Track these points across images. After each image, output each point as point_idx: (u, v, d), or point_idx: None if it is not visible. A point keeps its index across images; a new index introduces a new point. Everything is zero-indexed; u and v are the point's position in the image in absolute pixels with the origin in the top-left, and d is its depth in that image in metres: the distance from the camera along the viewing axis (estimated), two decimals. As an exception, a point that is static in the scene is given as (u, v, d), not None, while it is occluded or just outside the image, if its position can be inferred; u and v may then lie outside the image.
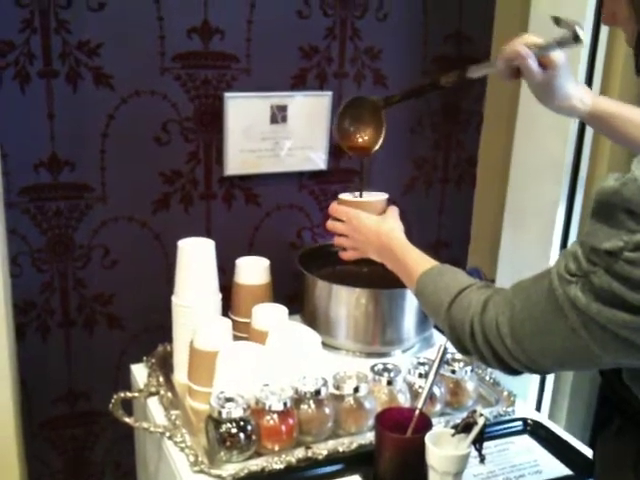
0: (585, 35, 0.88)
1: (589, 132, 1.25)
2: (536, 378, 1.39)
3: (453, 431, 0.89)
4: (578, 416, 1.42)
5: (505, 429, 1.07)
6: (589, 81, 1.24)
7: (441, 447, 0.87)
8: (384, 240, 1.04)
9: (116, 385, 1.25)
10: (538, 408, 1.41)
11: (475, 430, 0.86)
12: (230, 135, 1.29)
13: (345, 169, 1.44)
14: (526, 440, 1.05)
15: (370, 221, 1.07)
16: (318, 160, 1.39)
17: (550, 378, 1.40)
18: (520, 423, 1.08)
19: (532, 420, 1.09)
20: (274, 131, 1.32)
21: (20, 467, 1.13)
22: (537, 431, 1.07)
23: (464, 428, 0.87)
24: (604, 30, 1.22)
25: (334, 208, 1.13)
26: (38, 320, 1.27)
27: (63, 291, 1.27)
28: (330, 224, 1.13)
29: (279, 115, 1.31)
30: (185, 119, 1.27)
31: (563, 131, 1.25)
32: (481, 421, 0.85)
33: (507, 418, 1.09)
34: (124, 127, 1.23)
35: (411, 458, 0.89)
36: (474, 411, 0.88)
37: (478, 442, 0.88)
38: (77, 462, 1.37)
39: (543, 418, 1.12)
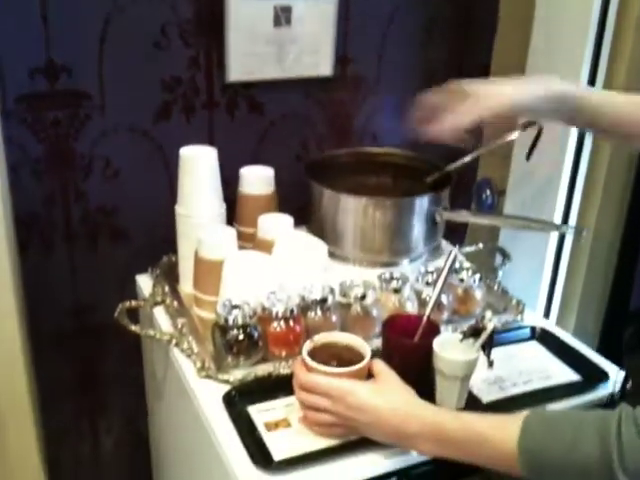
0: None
1: (609, 29, 1.19)
2: (545, 285, 1.38)
3: (461, 336, 0.88)
4: (587, 324, 1.42)
5: (513, 336, 1.06)
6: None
7: (449, 352, 0.87)
8: (411, 423, 0.76)
9: (122, 297, 1.24)
10: (547, 315, 1.41)
11: (484, 335, 0.84)
12: (232, 38, 1.23)
13: (353, 76, 1.39)
14: (534, 347, 1.05)
15: (375, 398, 0.78)
16: (324, 66, 1.33)
17: (559, 285, 1.39)
18: (528, 330, 1.08)
19: (540, 327, 1.08)
20: (278, 34, 1.26)
21: (28, 380, 1.13)
22: (545, 338, 1.06)
23: (472, 333, 0.86)
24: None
25: (308, 381, 0.81)
26: (40, 232, 1.25)
27: (65, 203, 1.25)
28: (306, 398, 0.82)
29: (283, 17, 1.25)
30: (185, 22, 1.21)
31: (583, 29, 1.19)
32: (490, 326, 0.84)
33: (515, 325, 1.09)
34: (122, 31, 1.17)
35: (419, 363, 0.88)
36: (483, 316, 0.86)
37: (487, 347, 0.87)
38: (86, 375, 1.39)
39: (551, 325, 1.11)
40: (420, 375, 0.88)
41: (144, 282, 1.19)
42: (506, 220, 1.18)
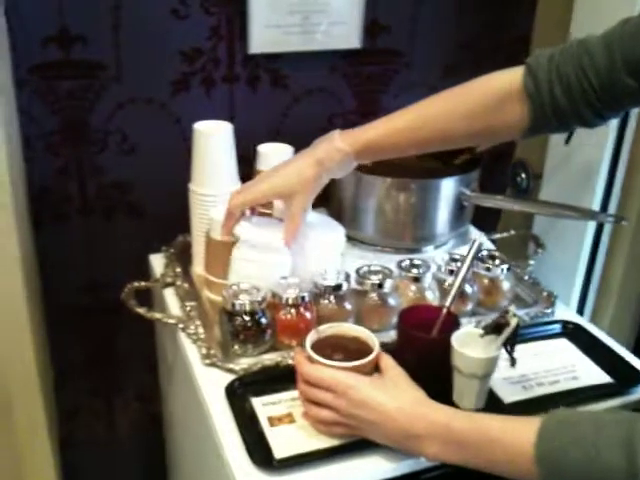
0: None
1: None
2: (580, 279, 1.30)
3: (482, 331, 0.82)
4: (623, 321, 1.33)
5: (541, 331, 0.99)
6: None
7: (469, 348, 0.80)
8: (417, 423, 0.70)
9: (137, 275, 1.21)
10: (580, 311, 1.33)
11: (507, 331, 0.78)
12: (254, 7, 1.17)
13: (383, 49, 1.31)
14: (564, 344, 0.98)
15: (381, 394, 0.72)
16: (352, 38, 1.26)
17: (595, 278, 1.30)
18: (559, 325, 1.00)
19: (572, 323, 1.01)
20: (303, 3, 1.20)
21: (38, 359, 1.11)
22: (577, 335, 0.99)
23: (494, 329, 0.79)
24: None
25: (310, 373, 0.76)
26: (55, 208, 1.22)
27: (80, 177, 1.22)
28: (306, 391, 0.77)
29: (308, -16, 1.18)
30: (205, -12, 1.15)
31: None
32: (513, 321, 0.77)
33: (544, 320, 1.01)
34: (138, -3, 1.13)
35: (435, 359, 0.82)
36: (506, 311, 0.79)
37: (509, 344, 0.80)
38: (101, 354, 1.36)
39: (584, 321, 1.03)
40: (436, 372, 0.82)
41: (157, 261, 1.15)
42: (539, 206, 1.10)
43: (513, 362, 0.82)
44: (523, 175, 1.38)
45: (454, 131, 0.85)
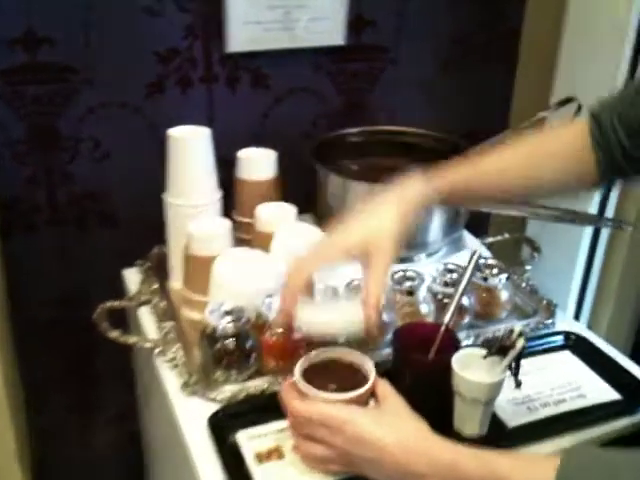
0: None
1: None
2: (577, 283, 1.25)
3: (485, 352, 0.76)
4: (621, 325, 1.28)
5: (543, 344, 0.93)
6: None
7: (470, 371, 0.74)
8: (420, 461, 0.63)
9: (112, 288, 1.14)
10: (577, 317, 1.28)
11: (512, 353, 0.72)
12: (232, 3, 1.10)
13: (368, 45, 1.25)
14: (567, 357, 0.92)
15: (379, 428, 0.65)
16: (336, 34, 1.20)
17: (592, 284, 1.25)
18: (561, 337, 0.95)
19: (574, 334, 0.95)
20: (283, -2, 1.13)
21: (4, 375, 1.03)
22: (580, 346, 0.93)
23: (498, 350, 0.74)
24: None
25: (299, 411, 0.69)
26: (24, 218, 1.14)
27: (50, 186, 1.14)
28: (297, 426, 0.71)
29: (288, -22, 1.11)
30: (179, -17, 1.08)
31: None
32: (520, 343, 0.72)
33: (546, 332, 0.96)
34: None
35: (434, 383, 0.76)
36: (511, 330, 0.74)
37: (514, 365, 0.74)
38: (74, 370, 1.29)
39: (587, 331, 0.98)
40: (435, 396, 0.76)
41: (132, 277, 1.08)
42: (538, 211, 1.03)
43: (518, 384, 0.76)
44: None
45: (537, 181, 0.80)
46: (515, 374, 0.75)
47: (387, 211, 0.75)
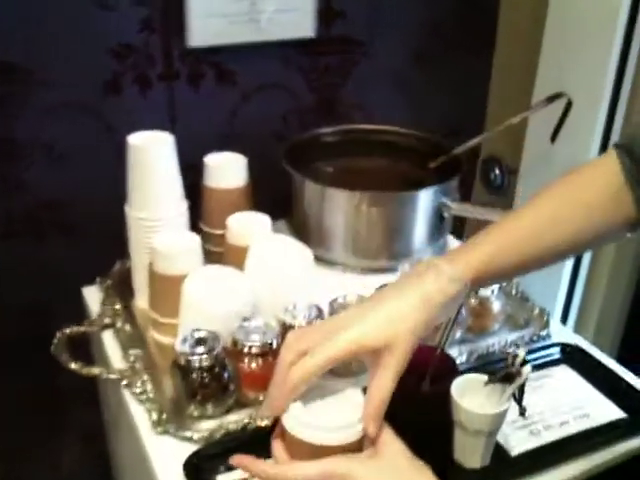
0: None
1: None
2: (564, 285, 1.20)
3: (485, 379, 0.69)
4: (607, 331, 1.24)
5: (539, 358, 0.88)
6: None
7: (469, 398, 0.68)
8: None
9: (74, 304, 1.04)
10: (564, 319, 1.23)
11: (518, 382, 0.66)
12: (191, -6, 1.01)
13: (339, 37, 1.17)
14: (566, 372, 0.86)
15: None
16: (305, 26, 1.12)
17: (579, 288, 1.21)
18: (557, 349, 0.89)
19: (570, 346, 0.90)
20: (248, -12, 1.04)
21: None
22: (577, 359, 0.88)
23: (502, 378, 0.67)
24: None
25: (286, 477, 0.59)
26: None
27: (2, 197, 1.04)
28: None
29: (253, -34, 1.02)
30: (132, -26, 0.99)
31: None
32: (526, 371, 0.65)
33: (541, 345, 0.90)
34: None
35: (431, 416, 0.70)
36: (515, 356, 0.67)
37: (519, 393, 0.68)
38: (38, 390, 1.19)
39: (583, 341, 0.92)
40: (433, 429, 0.70)
41: (92, 295, 0.98)
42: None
43: (523, 412, 0.70)
44: (497, 171, 1.27)
45: (577, 241, 0.68)
46: (519, 402, 0.69)
47: (405, 299, 0.61)
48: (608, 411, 0.80)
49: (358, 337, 0.59)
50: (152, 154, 0.87)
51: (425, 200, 0.95)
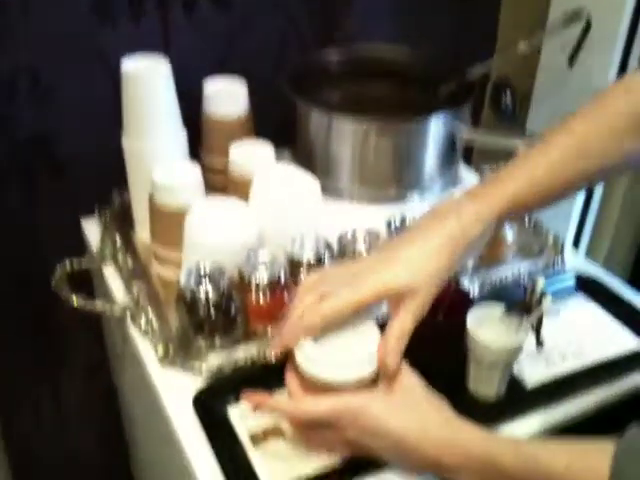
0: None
1: None
2: (577, 210, 1.16)
3: (502, 309, 0.67)
4: (618, 256, 1.22)
5: (555, 289, 0.85)
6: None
7: (485, 330, 0.66)
8: (452, 454, 0.54)
9: (70, 246, 1.01)
10: (576, 244, 1.20)
11: (536, 314, 0.64)
12: None
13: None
14: (582, 302, 0.84)
15: (396, 417, 0.56)
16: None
17: (592, 212, 1.18)
18: (573, 280, 0.86)
19: (586, 275, 0.87)
20: None
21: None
22: (594, 289, 0.85)
23: (520, 309, 0.65)
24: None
25: (300, 416, 0.58)
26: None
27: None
28: (301, 433, 0.62)
29: None
30: None
31: None
32: (546, 301, 0.63)
33: (557, 275, 0.87)
34: None
35: (445, 347, 0.68)
36: (533, 286, 0.65)
37: (537, 324, 0.67)
38: (37, 324, 1.17)
39: (598, 270, 0.90)
40: (447, 362, 0.68)
41: (91, 228, 0.95)
42: (533, 140, 0.92)
43: (540, 343, 0.68)
44: (508, 96, 1.22)
45: (610, 159, 0.64)
46: (537, 333, 0.67)
47: (430, 240, 0.60)
48: (626, 341, 0.78)
49: (381, 283, 0.58)
50: (148, 79, 0.82)
51: (436, 127, 0.91)
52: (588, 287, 0.86)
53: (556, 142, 0.64)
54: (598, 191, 1.15)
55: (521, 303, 0.65)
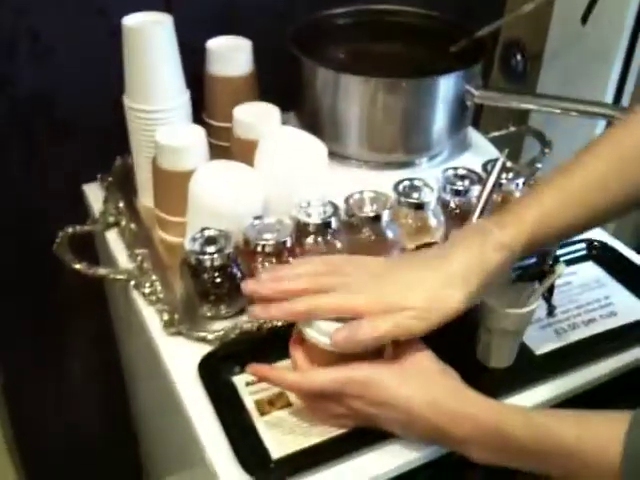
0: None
1: None
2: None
3: (512, 276, 0.66)
4: (628, 224, 1.20)
5: (565, 255, 0.83)
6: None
7: (494, 296, 0.65)
8: (461, 424, 0.54)
9: (71, 210, 1.00)
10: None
11: (549, 280, 0.62)
12: None
13: None
14: (592, 269, 0.83)
15: (404, 387, 0.55)
16: None
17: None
18: (583, 246, 0.85)
19: (597, 241, 0.86)
20: None
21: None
22: (604, 256, 0.84)
23: (533, 276, 0.64)
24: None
25: (306, 388, 0.58)
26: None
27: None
28: (307, 403, 0.61)
29: None
30: None
31: None
32: (559, 269, 0.62)
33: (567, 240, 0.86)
34: None
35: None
36: (546, 252, 0.63)
37: (548, 291, 0.65)
38: (39, 296, 1.16)
39: (609, 237, 0.89)
40: (456, 331, 0.67)
41: (94, 193, 0.94)
42: (561, 104, 0.90)
43: (551, 311, 0.67)
44: (518, 57, 1.19)
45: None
46: (548, 300, 0.66)
47: (442, 270, 0.58)
48: (636, 309, 0.77)
49: (375, 302, 0.56)
50: (150, 36, 0.79)
51: (446, 87, 0.88)
52: (599, 254, 0.84)
53: (586, 164, 0.61)
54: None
55: (533, 270, 0.64)
